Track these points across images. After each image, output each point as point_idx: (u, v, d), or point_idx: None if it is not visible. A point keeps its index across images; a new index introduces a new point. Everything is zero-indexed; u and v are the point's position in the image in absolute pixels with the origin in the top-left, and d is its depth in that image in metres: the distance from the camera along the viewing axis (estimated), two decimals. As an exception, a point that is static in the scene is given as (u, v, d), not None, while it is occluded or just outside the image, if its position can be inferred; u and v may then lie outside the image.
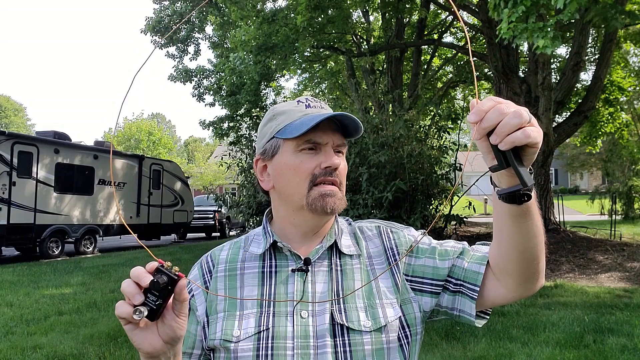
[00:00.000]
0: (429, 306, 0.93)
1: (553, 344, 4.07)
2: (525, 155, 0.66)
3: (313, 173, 0.91)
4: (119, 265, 9.44)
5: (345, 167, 0.95)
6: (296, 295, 0.89)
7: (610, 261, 7.68)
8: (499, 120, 0.63)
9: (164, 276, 0.68)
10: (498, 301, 0.90)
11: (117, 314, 0.68)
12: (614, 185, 15.82)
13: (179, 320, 0.72)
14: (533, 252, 0.80)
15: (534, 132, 0.63)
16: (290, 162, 0.92)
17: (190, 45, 15.02)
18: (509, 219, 0.76)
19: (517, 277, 0.84)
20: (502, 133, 0.63)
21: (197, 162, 39.31)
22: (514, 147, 0.64)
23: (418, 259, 0.94)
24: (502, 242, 0.81)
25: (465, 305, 0.90)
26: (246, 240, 1.01)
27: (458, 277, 0.90)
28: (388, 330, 0.88)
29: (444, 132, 7.75)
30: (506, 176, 0.70)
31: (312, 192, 0.90)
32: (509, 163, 0.65)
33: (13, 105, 52.71)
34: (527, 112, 0.64)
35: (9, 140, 10.16)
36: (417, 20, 13.42)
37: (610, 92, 11.93)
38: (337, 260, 0.94)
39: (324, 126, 0.91)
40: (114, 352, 4.16)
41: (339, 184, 0.92)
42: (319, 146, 0.92)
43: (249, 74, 11.51)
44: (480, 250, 0.93)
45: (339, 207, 0.91)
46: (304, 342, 0.85)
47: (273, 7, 11.28)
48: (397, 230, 1.01)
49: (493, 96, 0.66)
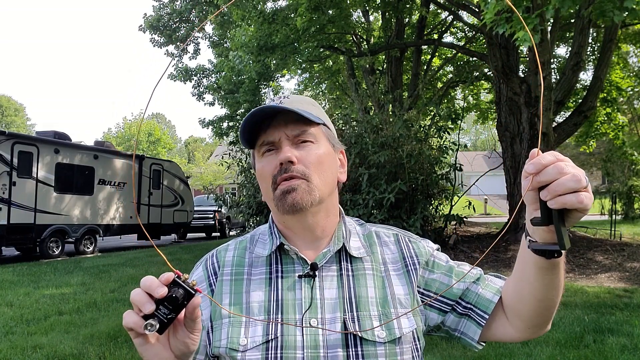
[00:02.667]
0: (434, 322, 0.91)
1: (553, 344, 4.07)
2: (569, 218, 0.65)
3: (273, 174, 0.87)
4: (119, 265, 9.44)
5: (316, 155, 0.88)
6: (304, 302, 0.85)
7: (610, 261, 7.68)
8: (555, 178, 0.62)
9: (180, 290, 0.64)
10: (503, 338, 0.89)
11: (124, 324, 0.65)
12: (614, 185, 15.83)
13: (192, 337, 0.69)
14: (550, 303, 0.80)
15: (587, 199, 0.62)
16: (257, 169, 0.91)
17: (190, 45, 15.03)
18: (533, 269, 0.76)
19: (527, 321, 0.84)
20: (555, 192, 0.62)
21: (197, 162, 39.29)
22: (562, 207, 0.63)
23: (432, 273, 0.92)
24: (522, 288, 0.81)
25: (469, 329, 0.89)
26: (251, 240, 0.97)
27: (469, 301, 0.89)
28: (402, 341, 0.84)
29: (444, 132, 7.75)
30: (543, 231, 0.69)
31: (276, 194, 0.87)
32: (552, 221, 0.64)
33: (13, 105, 52.73)
34: (585, 177, 0.63)
35: (9, 140, 10.16)
36: (417, 20, 13.41)
37: (609, 92, 11.93)
38: (347, 265, 0.90)
39: (277, 121, 0.87)
40: (114, 352, 4.16)
41: (302, 175, 0.85)
42: (276, 144, 0.88)
43: (247, 72, 11.52)
44: (495, 282, 0.92)
45: (302, 202, 0.85)
46: (314, 352, 0.81)
47: (273, 7, 11.28)
48: (416, 240, 0.98)
49: (555, 152, 0.65)
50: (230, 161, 9.48)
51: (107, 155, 12.76)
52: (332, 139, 0.95)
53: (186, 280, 0.65)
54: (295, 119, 0.88)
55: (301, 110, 0.87)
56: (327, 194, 0.90)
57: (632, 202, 15.70)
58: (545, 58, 7.88)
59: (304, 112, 0.86)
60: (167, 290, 0.63)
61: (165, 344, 0.69)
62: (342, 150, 0.99)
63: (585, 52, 9.35)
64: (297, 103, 0.90)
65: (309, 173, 0.86)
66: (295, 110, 0.86)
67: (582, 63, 9.14)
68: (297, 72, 16.05)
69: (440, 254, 0.96)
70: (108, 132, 50.47)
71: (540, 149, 0.65)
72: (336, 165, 0.95)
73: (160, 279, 0.65)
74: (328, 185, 0.90)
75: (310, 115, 0.87)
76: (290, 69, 14.27)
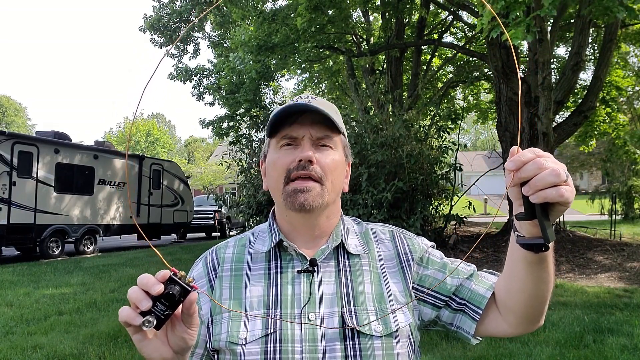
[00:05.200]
0: (427, 317, 0.93)
1: (553, 344, 4.07)
2: (552, 212, 0.67)
3: (288, 168, 0.88)
4: (119, 265, 9.44)
5: (333, 160, 0.90)
6: (303, 297, 0.87)
7: (610, 261, 7.68)
8: (535, 174, 0.64)
9: (177, 287, 0.65)
10: (496, 333, 0.91)
11: (120, 318, 0.66)
12: (614, 185, 15.82)
13: (190, 332, 0.71)
14: (541, 297, 0.82)
15: (568, 192, 0.64)
16: (271, 159, 0.92)
17: (189, 45, 15.03)
18: (523, 264, 0.78)
19: (519, 316, 0.86)
20: (536, 187, 0.64)
21: (197, 162, 39.29)
22: (544, 202, 0.64)
23: (426, 269, 0.94)
24: (512, 283, 0.83)
25: (465, 323, 0.91)
26: (251, 237, 0.99)
27: (463, 297, 0.91)
28: (399, 335, 0.87)
29: (444, 132, 7.75)
30: (529, 225, 0.71)
31: (287, 188, 0.88)
32: (536, 216, 0.66)
33: (13, 105, 52.75)
34: (564, 171, 0.64)
35: (9, 140, 10.16)
36: (417, 20, 13.41)
37: (608, 92, 11.93)
38: (345, 261, 0.92)
39: (303, 119, 0.89)
40: (114, 352, 4.16)
41: (318, 178, 0.88)
42: (297, 140, 0.89)
43: (248, 72, 11.52)
44: (488, 279, 0.93)
45: (313, 204, 0.87)
46: (312, 345, 0.83)
47: (273, 7, 11.28)
48: (411, 237, 1.00)
49: (534, 148, 0.67)
50: (230, 161, 9.48)
51: (107, 155, 12.75)
52: (347, 149, 0.98)
53: (182, 277, 0.66)
54: (321, 121, 0.90)
55: (328, 113, 0.89)
56: (333, 199, 0.93)
57: (632, 202, 15.68)
58: (545, 58, 7.88)
59: (331, 116, 0.89)
60: (164, 287, 0.65)
61: (163, 340, 0.70)
62: (349, 162, 1.01)
63: (585, 52, 9.35)
64: (323, 106, 0.91)
65: (324, 176, 0.89)
66: (324, 112, 0.88)
67: (582, 63, 9.13)
68: (296, 72, 16.05)
69: (435, 251, 0.98)
70: (108, 132, 50.51)
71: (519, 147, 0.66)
72: (344, 174, 0.97)
73: (156, 276, 0.66)
74: (336, 191, 0.93)
75: (335, 119, 0.90)
76: (290, 69, 14.27)
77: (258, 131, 9.56)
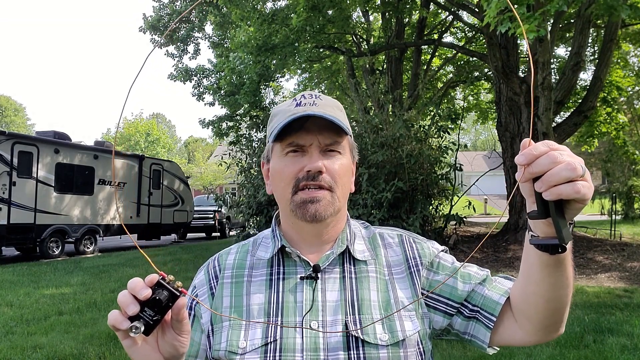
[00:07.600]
0: (439, 325, 0.88)
1: (553, 344, 4.07)
2: (568, 209, 0.61)
3: (296, 177, 0.85)
4: (119, 265, 9.44)
5: (342, 166, 0.87)
6: (305, 304, 0.84)
7: (610, 261, 7.68)
8: (549, 168, 0.58)
9: (164, 291, 0.64)
10: (512, 342, 0.85)
11: (108, 322, 0.65)
12: (614, 185, 15.83)
13: (180, 339, 0.69)
14: (559, 303, 0.76)
15: (585, 188, 0.58)
16: (277, 166, 0.88)
17: (189, 45, 15.02)
18: (538, 266, 0.72)
19: (536, 324, 0.80)
20: (550, 182, 0.58)
21: (197, 162, 39.29)
22: (559, 199, 0.59)
23: (437, 274, 0.90)
24: (528, 287, 0.77)
25: (479, 332, 0.86)
26: (254, 244, 0.96)
27: (475, 303, 0.86)
28: (406, 345, 0.82)
29: (444, 132, 7.75)
30: (544, 225, 0.65)
31: (296, 198, 0.85)
32: (550, 214, 0.60)
33: (13, 105, 52.72)
34: (581, 165, 0.59)
35: (9, 140, 10.17)
36: (417, 20, 13.41)
37: (609, 92, 11.93)
38: (351, 267, 0.89)
39: (310, 125, 0.85)
40: (114, 352, 4.16)
41: (328, 187, 0.85)
42: (304, 148, 0.86)
43: (248, 73, 11.52)
44: (503, 284, 0.88)
45: (324, 214, 0.84)
46: (313, 355, 0.80)
47: (273, 7, 11.27)
48: (420, 241, 0.95)
49: (548, 140, 0.61)
50: (230, 161, 9.47)
51: (107, 155, 12.76)
52: (354, 150, 0.95)
53: (171, 281, 0.65)
54: (328, 127, 0.86)
55: (335, 118, 0.85)
56: (343, 205, 0.90)
57: (632, 202, 15.71)
58: (545, 58, 7.88)
59: (338, 121, 0.85)
60: (151, 292, 0.64)
61: (154, 346, 0.69)
62: (355, 161, 0.98)
63: (585, 52, 9.35)
64: (329, 107, 0.88)
65: (334, 184, 0.86)
66: (331, 119, 0.84)
67: (582, 63, 9.14)
68: (296, 72, 16.05)
69: (446, 256, 0.93)
70: (108, 132, 50.51)
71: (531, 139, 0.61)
72: (351, 175, 0.94)
73: (145, 281, 0.64)
74: (345, 196, 0.91)
75: (343, 125, 0.86)
76: (290, 69, 14.27)
77: (258, 131, 9.55)
